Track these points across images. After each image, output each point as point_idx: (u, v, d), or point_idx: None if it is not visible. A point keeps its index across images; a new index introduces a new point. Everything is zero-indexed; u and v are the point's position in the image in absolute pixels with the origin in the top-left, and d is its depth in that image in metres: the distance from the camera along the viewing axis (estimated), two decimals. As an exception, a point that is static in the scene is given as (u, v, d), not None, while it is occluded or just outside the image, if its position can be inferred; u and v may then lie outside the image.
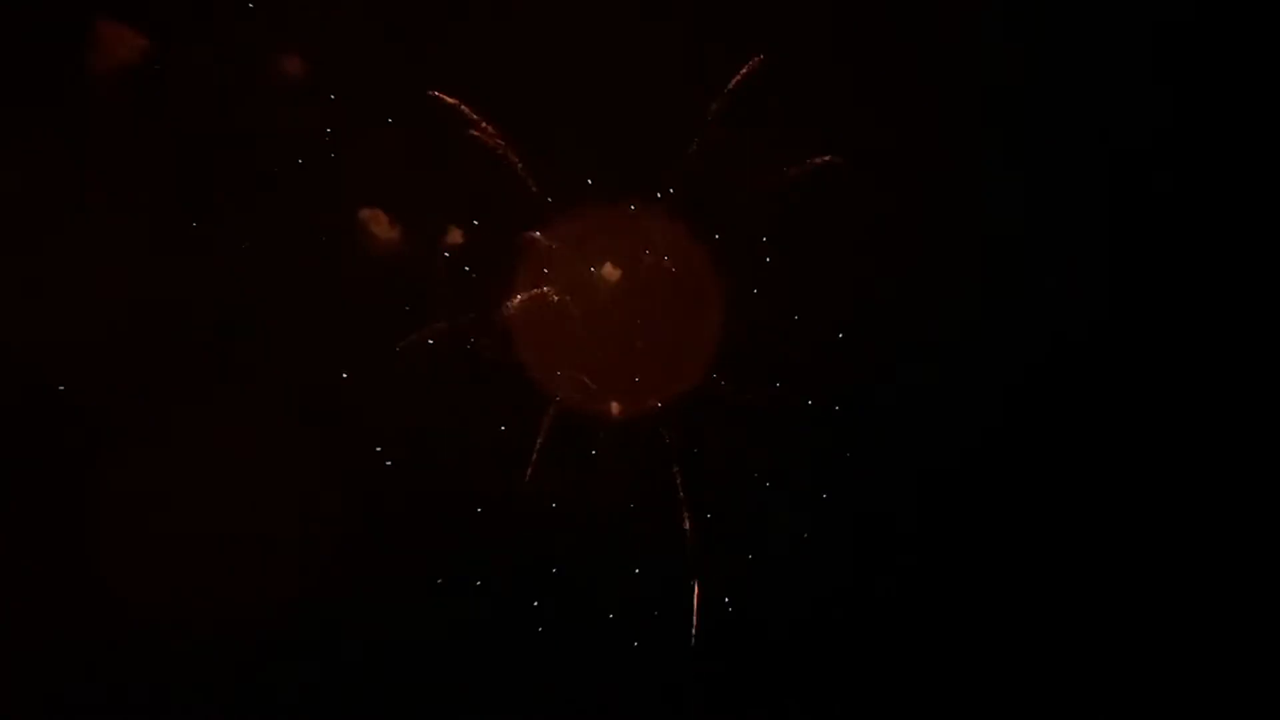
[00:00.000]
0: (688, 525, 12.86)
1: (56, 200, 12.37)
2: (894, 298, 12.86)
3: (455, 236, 12.99)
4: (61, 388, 12.38)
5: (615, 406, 13.12)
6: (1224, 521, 12.64)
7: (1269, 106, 12.50)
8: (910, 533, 12.88)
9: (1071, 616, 12.70)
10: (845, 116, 12.82)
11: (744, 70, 12.71)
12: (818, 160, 12.92)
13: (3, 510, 12.27)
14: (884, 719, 12.89)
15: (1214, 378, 12.76)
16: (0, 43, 12.10)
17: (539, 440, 12.79)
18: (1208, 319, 12.77)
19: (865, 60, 12.71)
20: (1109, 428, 12.87)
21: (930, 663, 12.80)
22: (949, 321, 12.82)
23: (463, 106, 12.71)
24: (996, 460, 12.73)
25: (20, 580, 12.17)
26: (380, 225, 12.86)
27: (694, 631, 12.70)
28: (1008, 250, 12.72)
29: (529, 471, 12.74)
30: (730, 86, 12.76)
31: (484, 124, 12.74)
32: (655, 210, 13.03)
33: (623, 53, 12.70)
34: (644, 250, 13.20)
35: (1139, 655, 12.58)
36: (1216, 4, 12.18)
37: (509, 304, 12.99)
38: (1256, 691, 12.31)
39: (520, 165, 12.85)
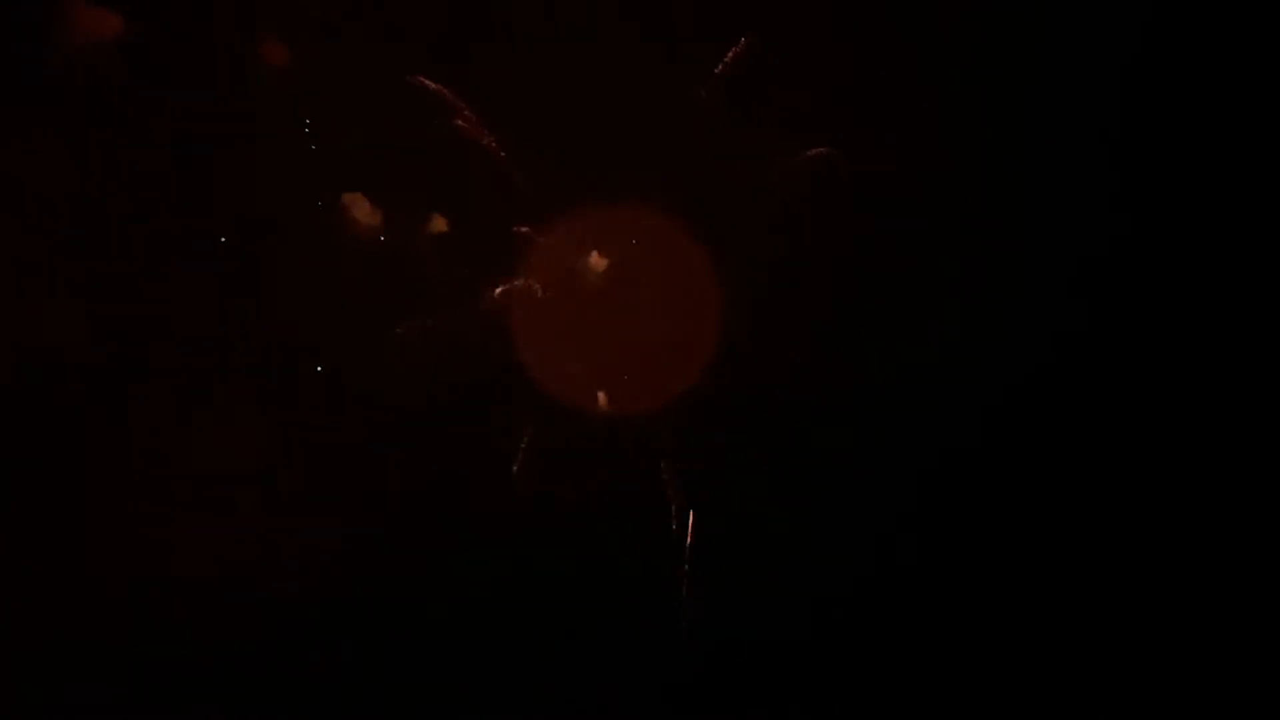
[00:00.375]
0: (683, 525, 12.77)
1: (43, 196, 12.31)
2: (894, 296, 12.65)
3: (443, 229, 12.84)
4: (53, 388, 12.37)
5: (608, 405, 12.98)
6: (1227, 523, 12.45)
7: (1272, 107, 12.23)
8: (910, 533, 12.71)
9: (1075, 619, 12.54)
10: (845, 111, 12.53)
11: (734, 51, 12.39)
12: (816, 153, 12.64)
13: (3, 510, 12.35)
14: (884, 719, 12.80)
15: (1218, 378, 12.51)
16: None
17: (529, 439, 12.70)
18: (1212, 320, 12.51)
19: (866, 53, 12.41)
20: (1112, 428, 12.63)
21: (931, 664, 12.68)
22: (950, 321, 12.59)
23: (448, 95, 12.51)
24: (998, 461, 12.55)
25: (20, 580, 12.26)
26: (369, 221, 12.74)
27: (693, 631, 12.65)
28: (1009, 248, 12.46)
29: (516, 468, 12.67)
30: (719, 69, 12.46)
31: (469, 113, 12.53)
32: (650, 204, 12.79)
33: (617, 42, 12.49)
34: (638, 245, 12.99)
35: (1141, 657, 12.44)
36: (1218, 4, 11.91)
37: (501, 300, 12.83)
38: (1257, 692, 12.15)
39: (507, 156, 12.65)
